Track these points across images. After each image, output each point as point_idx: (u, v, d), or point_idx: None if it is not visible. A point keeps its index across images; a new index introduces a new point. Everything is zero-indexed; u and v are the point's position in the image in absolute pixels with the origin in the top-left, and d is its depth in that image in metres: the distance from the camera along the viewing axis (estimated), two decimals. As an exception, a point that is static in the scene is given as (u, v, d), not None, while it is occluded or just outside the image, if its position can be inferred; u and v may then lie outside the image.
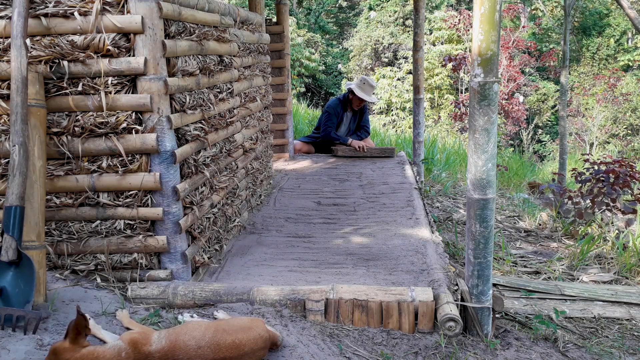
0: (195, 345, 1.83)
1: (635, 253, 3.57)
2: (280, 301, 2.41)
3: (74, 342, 1.66)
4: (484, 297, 2.36)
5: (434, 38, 17.07)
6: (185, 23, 2.64)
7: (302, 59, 16.74)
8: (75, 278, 2.53)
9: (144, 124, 2.39)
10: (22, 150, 2.13)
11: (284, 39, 5.48)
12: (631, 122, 15.31)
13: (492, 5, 2.06)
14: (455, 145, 9.22)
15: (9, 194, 2.10)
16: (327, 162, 5.68)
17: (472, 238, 2.31)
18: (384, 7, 19.68)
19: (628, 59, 18.66)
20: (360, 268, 2.88)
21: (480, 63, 2.12)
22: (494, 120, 2.17)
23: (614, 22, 19.43)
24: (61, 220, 2.50)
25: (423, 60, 5.57)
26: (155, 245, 2.51)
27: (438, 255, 2.99)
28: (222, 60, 3.15)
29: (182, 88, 2.58)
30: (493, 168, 2.22)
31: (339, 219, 3.77)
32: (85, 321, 1.68)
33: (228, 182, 3.22)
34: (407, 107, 16.00)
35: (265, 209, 4.01)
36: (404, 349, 2.23)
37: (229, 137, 3.30)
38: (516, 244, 4.02)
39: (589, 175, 4.34)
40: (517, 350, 2.32)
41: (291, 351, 2.11)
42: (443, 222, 4.49)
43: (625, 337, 2.61)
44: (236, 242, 3.34)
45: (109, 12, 2.28)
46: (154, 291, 2.46)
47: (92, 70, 2.31)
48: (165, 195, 2.46)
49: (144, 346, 1.78)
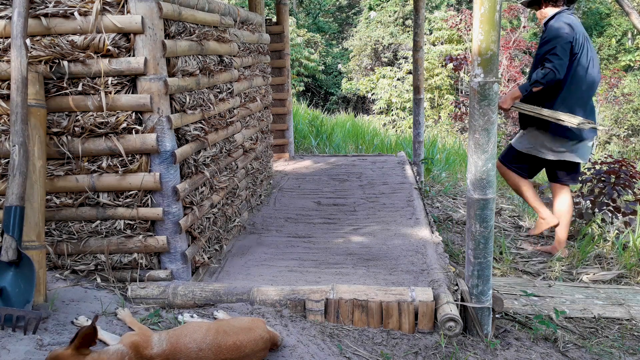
0: (197, 348, 1.84)
1: (635, 253, 3.57)
2: (280, 301, 2.41)
3: (77, 350, 1.65)
4: (484, 297, 2.36)
5: (434, 38, 17.05)
6: (185, 23, 2.64)
7: (301, 58, 16.73)
8: (75, 278, 2.53)
9: (144, 124, 2.39)
10: (22, 150, 2.13)
11: (284, 39, 5.48)
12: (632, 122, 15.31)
13: (492, 5, 2.06)
14: (455, 145, 9.21)
15: (9, 194, 2.10)
16: (327, 162, 5.68)
17: (472, 238, 2.31)
18: (384, 7, 19.67)
19: (629, 59, 18.65)
20: (360, 268, 2.88)
21: (480, 63, 2.12)
22: (494, 120, 2.17)
23: (615, 23, 19.42)
24: (61, 220, 2.50)
25: (423, 60, 5.57)
26: (155, 245, 2.51)
27: (438, 255, 2.99)
28: (222, 60, 3.15)
29: (182, 88, 2.58)
30: (493, 168, 2.22)
31: (339, 219, 3.76)
32: (95, 334, 1.68)
33: (228, 182, 3.22)
34: (407, 107, 15.99)
35: (265, 209, 4.01)
36: (404, 349, 2.23)
37: (229, 137, 3.30)
38: (516, 244, 4.02)
39: (590, 175, 4.33)
40: (517, 350, 2.32)
41: (291, 351, 2.11)
42: (443, 222, 4.49)
43: (625, 337, 2.61)
44: (236, 242, 3.34)
45: (109, 12, 2.28)
46: (154, 291, 2.46)
47: (92, 70, 2.31)
48: (165, 195, 2.46)
49: (146, 350, 1.78)
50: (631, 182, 4.17)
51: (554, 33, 3.35)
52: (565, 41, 3.30)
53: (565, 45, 3.31)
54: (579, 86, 3.42)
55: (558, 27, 3.36)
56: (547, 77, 3.30)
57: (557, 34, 3.33)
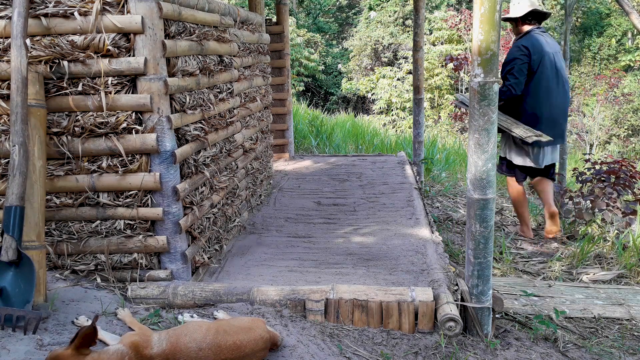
0: (196, 348, 1.84)
1: (635, 253, 3.57)
2: (280, 301, 2.41)
3: (77, 350, 1.65)
4: (484, 297, 2.36)
5: (434, 38, 17.05)
6: (185, 23, 2.64)
7: (301, 58, 16.73)
8: (75, 278, 2.53)
9: (144, 124, 2.39)
10: (22, 150, 2.13)
11: (284, 39, 5.48)
12: (632, 122, 15.30)
13: (492, 5, 2.06)
14: (455, 145, 9.21)
15: (9, 194, 2.10)
16: (327, 162, 5.69)
17: (472, 238, 2.31)
18: (384, 7, 19.66)
19: (629, 59, 18.64)
20: (360, 268, 2.88)
21: (480, 63, 2.12)
22: (493, 120, 2.17)
23: (615, 22, 19.41)
24: (61, 220, 2.50)
25: (423, 60, 5.57)
26: (155, 245, 2.51)
27: (438, 255, 2.99)
28: (222, 60, 3.15)
29: (182, 88, 2.58)
30: (493, 168, 2.22)
31: (339, 219, 3.76)
32: (95, 334, 1.68)
33: (228, 182, 3.22)
34: (407, 107, 15.99)
35: (265, 209, 4.01)
36: (404, 349, 2.23)
37: (229, 137, 3.30)
38: (516, 244, 4.02)
39: (590, 175, 4.33)
40: (517, 350, 2.32)
41: (291, 351, 2.11)
42: (443, 222, 4.49)
43: (625, 337, 2.61)
44: (236, 242, 3.34)
45: (109, 12, 2.28)
46: (154, 291, 2.46)
47: (92, 70, 2.31)
48: (165, 195, 2.46)
49: (145, 349, 1.78)
50: (631, 182, 4.17)
51: (513, 54, 3.79)
52: (522, 62, 3.75)
53: (522, 66, 3.74)
54: (537, 100, 3.82)
55: (518, 48, 3.79)
56: (506, 94, 3.77)
57: (515, 55, 3.78)
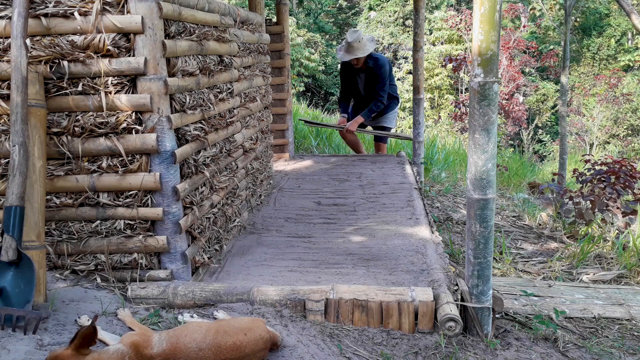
0: (197, 348, 1.84)
1: (635, 253, 3.57)
2: (280, 301, 2.41)
3: (77, 350, 1.65)
4: (484, 297, 2.36)
5: (434, 38, 17.06)
6: (185, 23, 2.63)
7: (301, 58, 16.73)
8: (75, 278, 2.53)
9: (144, 124, 2.39)
10: (22, 150, 2.13)
11: (284, 39, 5.48)
12: (631, 122, 15.31)
13: (492, 5, 2.06)
14: (455, 145, 9.21)
15: (9, 194, 2.10)
16: (328, 162, 5.68)
17: (472, 238, 2.31)
18: (384, 7, 19.66)
19: (629, 59, 18.65)
20: (360, 268, 2.88)
21: (480, 63, 2.12)
22: (494, 120, 2.17)
23: (615, 23, 19.42)
24: (61, 220, 2.50)
25: (423, 60, 5.57)
26: (155, 245, 2.51)
27: (438, 255, 2.99)
28: (222, 60, 3.15)
29: (182, 88, 2.58)
30: (493, 168, 2.22)
31: (339, 219, 3.76)
32: (95, 334, 1.68)
33: (228, 182, 3.22)
34: (407, 107, 15.99)
35: (265, 209, 4.01)
36: (404, 349, 2.23)
37: (229, 137, 3.30)
38: (516, 244, 4.02)
39: (590, 175, 4.34)
40: (517, 350, 2.32)
41: (291, 351, 2.11)
42: (443, 222, 4.49)
43: (625, 337, 2.61)
44: (236, 242, 3.34)
45: (109, 12, 2.28)
46: (154, 291, 2.46)
47: (92, 70, 2.31)
48: (165, 195, 2.46)
49: (146, 349, 1.78)
50: (631, 182, 4.18)
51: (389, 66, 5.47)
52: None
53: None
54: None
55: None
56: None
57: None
